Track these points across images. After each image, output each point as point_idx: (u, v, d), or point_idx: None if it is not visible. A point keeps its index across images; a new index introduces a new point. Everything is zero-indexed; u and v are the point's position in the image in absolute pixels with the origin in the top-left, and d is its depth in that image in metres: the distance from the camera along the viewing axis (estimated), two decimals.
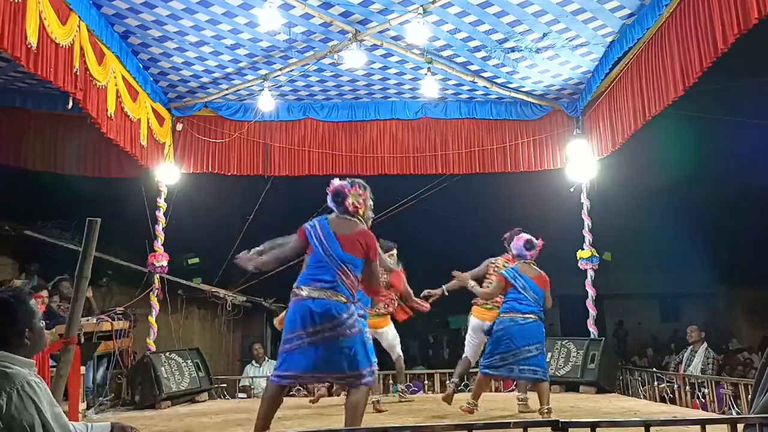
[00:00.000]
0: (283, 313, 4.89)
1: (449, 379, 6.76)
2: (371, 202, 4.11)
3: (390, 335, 6.48)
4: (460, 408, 5.64)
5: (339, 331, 3.72)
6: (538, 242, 5.73)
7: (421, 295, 6.35)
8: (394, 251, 6.27)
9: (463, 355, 6.56)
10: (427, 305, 6.25)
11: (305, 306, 3.76)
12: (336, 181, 4.07)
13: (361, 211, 4.00)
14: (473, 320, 6.34)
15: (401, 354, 6.79)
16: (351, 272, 3.85)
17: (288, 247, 4.05)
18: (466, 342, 6.55)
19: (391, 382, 9.80)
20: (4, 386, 2.16)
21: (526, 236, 5.74)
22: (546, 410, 5.39)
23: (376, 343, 6.18)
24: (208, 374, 7.69)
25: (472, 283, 5.77)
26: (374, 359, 4.01)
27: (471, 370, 6.72)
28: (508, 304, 5.55)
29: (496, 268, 6.18)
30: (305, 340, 3.73)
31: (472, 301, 6.33)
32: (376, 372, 3.95)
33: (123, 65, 6.94)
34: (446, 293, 6.31)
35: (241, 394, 9.13)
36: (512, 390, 7.31)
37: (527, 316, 5.43)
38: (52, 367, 4.48)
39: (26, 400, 2.16)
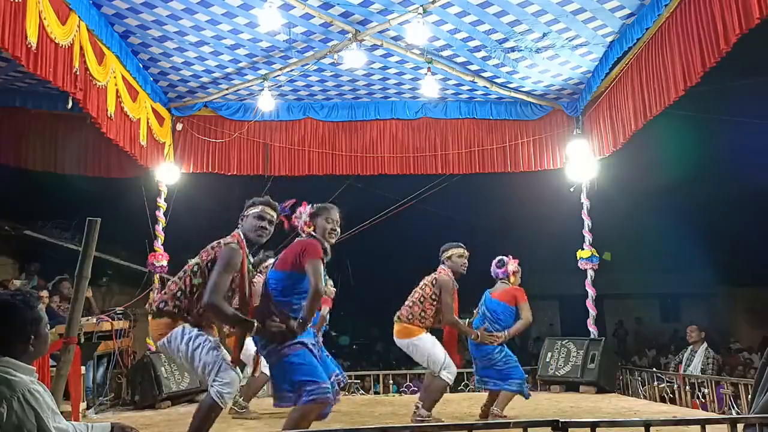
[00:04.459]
0: None
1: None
2: (328, 224, 3.86)
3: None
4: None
5: None
6: (508, 259, 5.79)
7: None
8: (269, 261, 5.55)
9: None
10: None
11: None
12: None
13: (306, 230, 3.86)
14: None
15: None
16: (274, 291, 3.72)
17: None
18: None
19: (391, 382, 9.83)
20: (5, 394, 2.13)
21: (499, 258, 5.88)
22: (494, 411, 5.48)
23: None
24: None
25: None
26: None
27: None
28: None
29: (434, 282, 5.49)
30: None
31: None
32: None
33: (123, 65, 6.94)
34: None
35: None
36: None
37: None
38: (52, 366, 4.48)
39: (27, 408, 2.14)
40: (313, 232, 3.86)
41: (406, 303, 5.47)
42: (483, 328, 5.53)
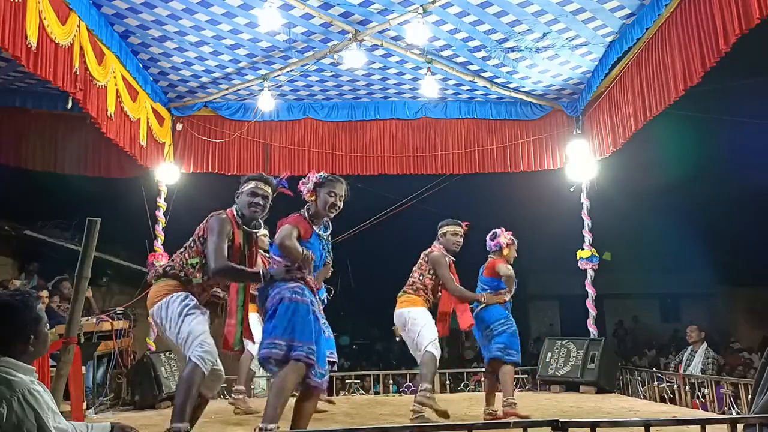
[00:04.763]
0: None
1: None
2: (330, 198, 3.89)
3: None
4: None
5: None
6: (501, 231, 5.89)
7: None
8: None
9: None
10: None
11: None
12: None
13: (308, 198, 3.92)
14: None
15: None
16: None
17: None
18: None
19: (390, 382, 9.83)
20: (5, 394, 2.14)
21: (492, 231, 5.96)
22: (508, 400, 5.39)
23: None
24: None
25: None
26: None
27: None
28: None
29: (426, 259, 5.55)
30: None
31: None
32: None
33: (123, 65, 6.94)
34: None
35: None
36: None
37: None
38: (52, 366, 4.48)
39: (27, 408, 2.15)
40: (314, 203, 3.89)
41: (408, 281, 5.47)
42: (488, 293, 5.59)
